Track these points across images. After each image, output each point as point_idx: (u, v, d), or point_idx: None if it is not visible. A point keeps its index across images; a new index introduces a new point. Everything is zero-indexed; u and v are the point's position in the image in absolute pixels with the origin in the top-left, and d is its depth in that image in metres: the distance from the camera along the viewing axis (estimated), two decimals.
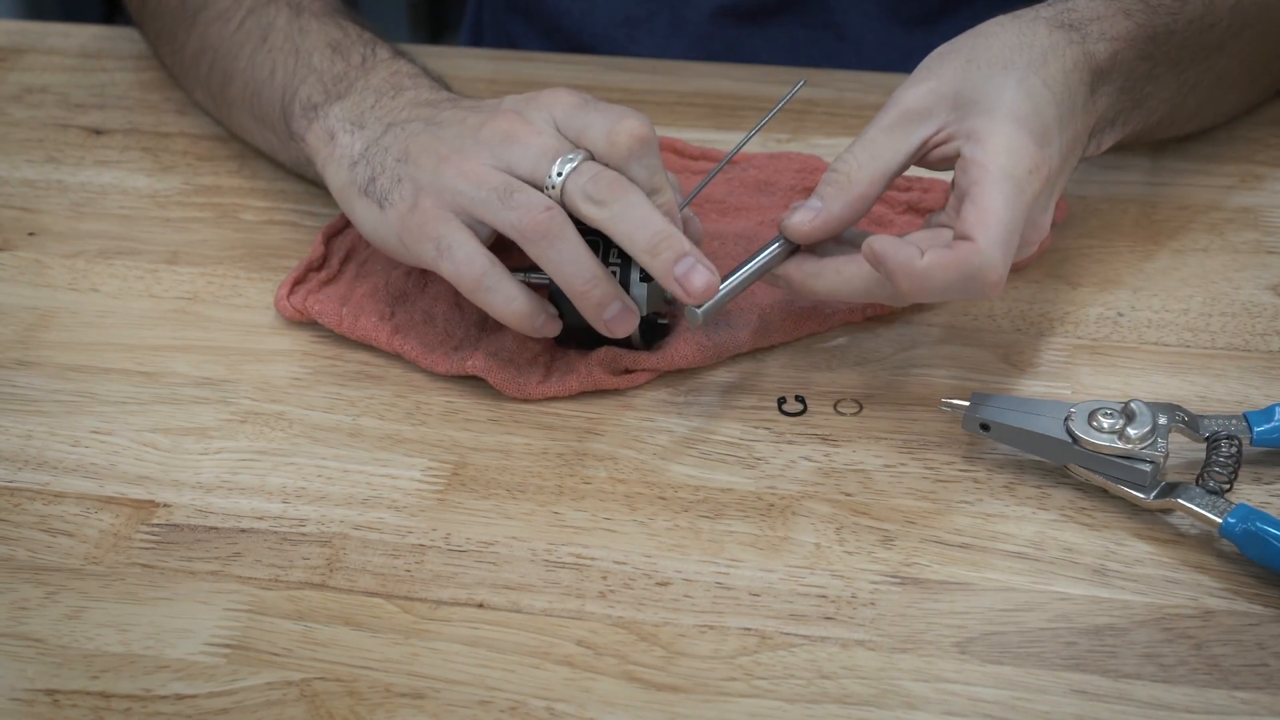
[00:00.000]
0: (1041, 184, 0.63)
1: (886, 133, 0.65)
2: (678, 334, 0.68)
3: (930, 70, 0.66)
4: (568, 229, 0.63)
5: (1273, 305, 0.72)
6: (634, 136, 0.64)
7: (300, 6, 0.80)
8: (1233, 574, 0.58)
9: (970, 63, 0.65)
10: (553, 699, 0.54)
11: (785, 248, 0.65)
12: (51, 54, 0.96)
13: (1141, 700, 0.54)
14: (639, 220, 0.63)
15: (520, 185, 0.64)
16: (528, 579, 0.59)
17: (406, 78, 0.74)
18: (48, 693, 0.55)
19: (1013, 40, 0.66)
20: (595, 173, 0.64)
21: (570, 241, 0.63)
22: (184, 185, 0.83)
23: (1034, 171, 0.62)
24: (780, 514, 0.61)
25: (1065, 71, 0.66)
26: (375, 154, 0.69)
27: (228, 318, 0.73)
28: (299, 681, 0.55)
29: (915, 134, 0.65)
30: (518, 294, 0.64)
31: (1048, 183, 0.64)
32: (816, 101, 0.88)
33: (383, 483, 0.63)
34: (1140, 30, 0.70)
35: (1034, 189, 0.63)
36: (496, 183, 0.64)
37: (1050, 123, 0.64)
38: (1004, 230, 0.61)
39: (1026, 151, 0.62)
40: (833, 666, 0.55)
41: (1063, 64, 0.66)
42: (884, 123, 0.65)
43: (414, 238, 0.66)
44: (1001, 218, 0.61)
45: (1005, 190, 0.61)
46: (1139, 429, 0.60)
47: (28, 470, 0.64)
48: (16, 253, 0.78)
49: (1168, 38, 0.71)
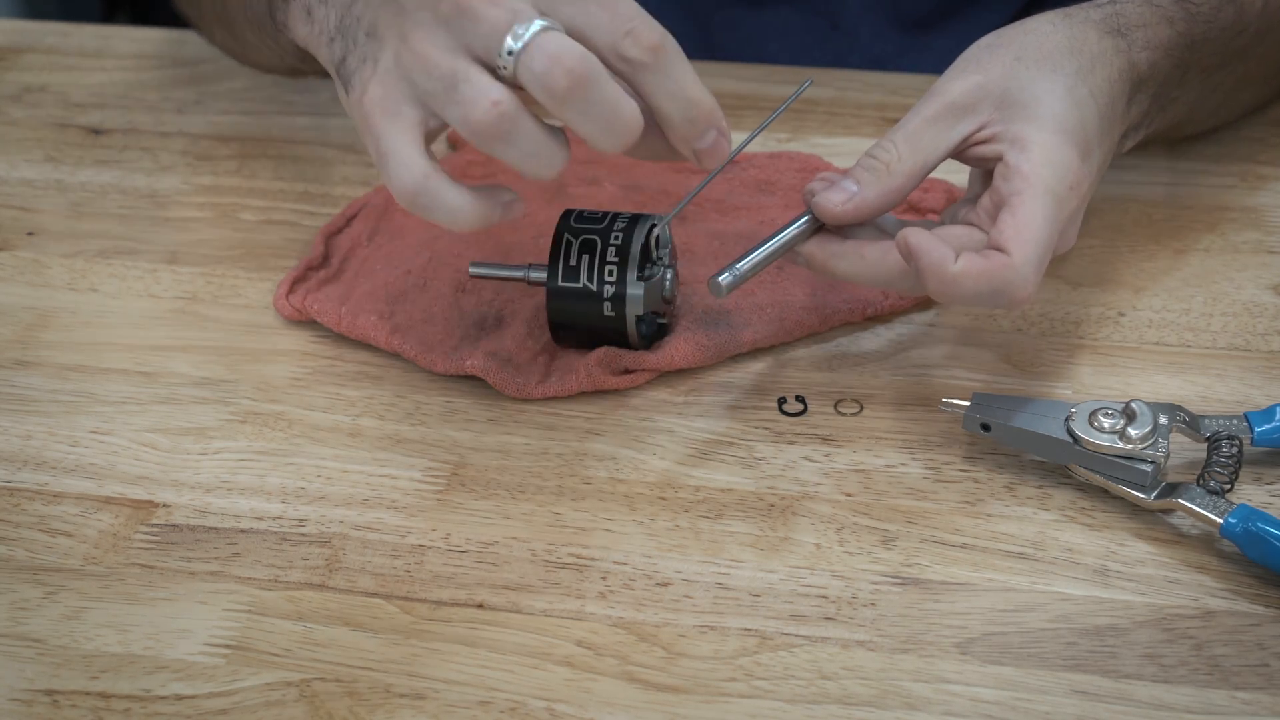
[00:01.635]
0: (1079, 201, 0.63)
1: (930, 124, 0.64)
2: (678, 333, 0.68)
3: (977, 63, 0.65)
4: (520, 122, 0.56)
5: (1274, 305, 0.72)
6: (650, 47, 0.57)
7: None
8: (1233, 574, 0.58)
9: (1019, 60, 0.64)
10: (553, 699, 0.54)
11: (810, 225, 0.64)
12: (51, 53, 0.96)
13: (1142, 701, 0.54)
14: (606, 124, 0.56)
15: (468, 74, 0.56)
16: (528, 579, 0.59)
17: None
18: (47, 693, 0.55)
19: (1064, 42, 0.64)
20: (551, 56, 0.54)
21: (525, 135, 0.56)
22: (183, 185, 0.83)
23: (1074, 187, 0.62)
24: (780, 514, 0.61)
25: (1110, 81, 0.65)
26: (348, 25, 0.61)
27: (227, 318, 0.73)
28: (299, 682, 0.55)
29: (958, 129, 0.64)
30: (461, 204, 0.58)
31: (1084, 199, 0.63)
32: (817, 101, 0.87)
33: (382, 483, 0.63)
34: (1179, 39, 0.69)
35: (1072, 205, 0.62)
36: (444, 70, 0.56)
37: (1093, 136, 0.64)
38: (1040, 247, 0.60)
39: (1070, 166, 0.62)
40: (833, 667, 0.55)
41: (1109, 73, 0.65)
42: (928, 113, 0.64)
43: (362, 131, 0.59)
44: (1039, 234, 0.60)
45: (1046, 206, 0.61)
46: (1140, 429, 0.60)
47: (27, 470, 0.64)
48: (15, 252, 0.78)
49: (1203, 44, 0.70)
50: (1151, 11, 0.68)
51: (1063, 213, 0.62)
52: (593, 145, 0.57)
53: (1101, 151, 0.65)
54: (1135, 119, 0.69)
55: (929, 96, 0.64)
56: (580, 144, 0.83)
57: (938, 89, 0.64)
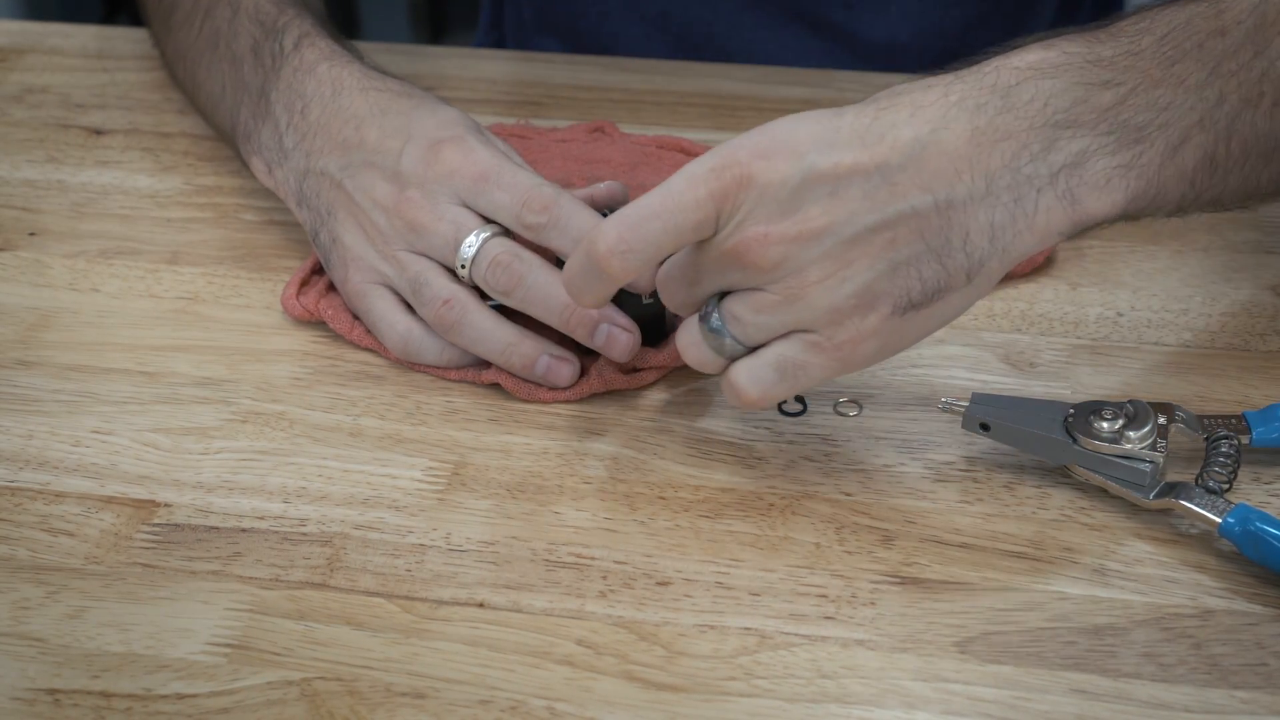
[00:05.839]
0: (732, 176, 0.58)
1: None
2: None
3: None
4: (469, 314, 0.66)
5: (1273, 305, 0.72)
6: (543, 209, 0.65)
7: (238, 2, 0.79)
8: (1232, 574, 0.58)
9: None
10: (553, 699, 0.54)
11: None
12: (52, 54, 0.96)
13: (1141, 700, 0.54)
14: (543, 303, 0.65)
15: (427, 278, 0.67)
16: (528, 579, 0.59)
17: (308, 75, 0.73)
18: (49, 692, 0.55)
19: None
20: (493, 258, 0.65)
21: (473, 324, 0.66)
22: (185, 185, 0.83)
23: (720, 168, 0.57)
24: (780, 514, 0.61)
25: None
26: (309, 197, 0.71)
27: (228, 318, 0.73)
28: (299, 681, 0.55)
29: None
30: (443, 350, 0.68)
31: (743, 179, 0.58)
32: (817, 102, 0.88)
33: (383, 482, 0.63)
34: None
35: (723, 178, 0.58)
36: (412, 274, 0.67)
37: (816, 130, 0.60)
38: (636, 208, 0.57)
39: (735, 144, 0.57)
40: (833, 666, 0.55)
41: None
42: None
43: (350, 305, 0.70)
44: (645, 197, 0.57)
45: (674, 178, 0.57)
46: (1139, 429, 0.60)
47: (29, 470, 0.64)
48: (17, 253, 0.78)
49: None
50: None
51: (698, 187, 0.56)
52: (544, 320, 0.66)
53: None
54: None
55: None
56: (585, 144, 0.84)
57: None
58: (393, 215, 0.68)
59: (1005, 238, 0.56)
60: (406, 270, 0.67)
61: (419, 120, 0.69)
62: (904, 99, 0.56)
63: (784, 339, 0.58)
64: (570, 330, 0.66)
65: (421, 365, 0.69)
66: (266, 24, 0.77)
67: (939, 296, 0.56)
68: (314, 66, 0.73)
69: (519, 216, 0.66)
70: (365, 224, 0.69)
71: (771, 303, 0.56)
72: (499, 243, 0.66)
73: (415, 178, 0.67)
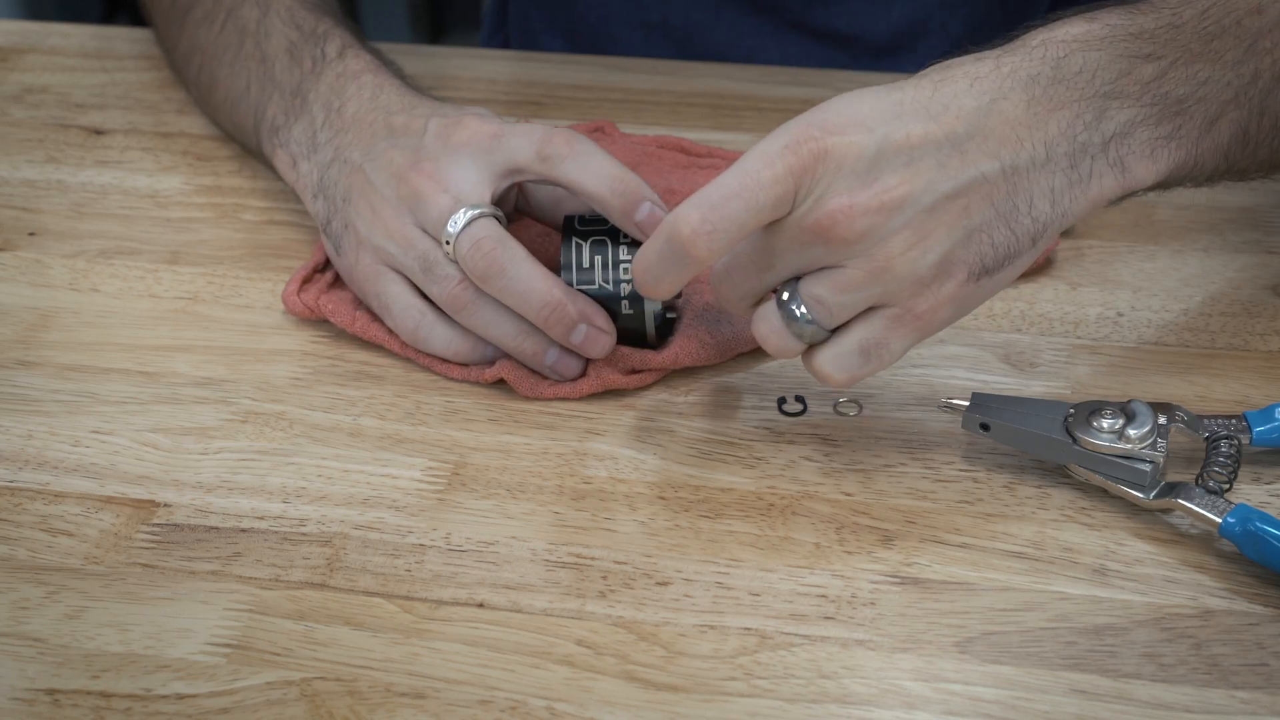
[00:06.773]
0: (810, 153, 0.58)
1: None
2: (682, 332, 0.69)
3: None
4: (477, 299, 0.66)
5: (1273, 305, 0.72)
6: (565, 143, 0.65)
7: (268, 3, 0.80)
8: (1232, 574, 0.58)
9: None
10: (553, 699, 0.54)
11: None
12: (52, 54, 0.96)
13: (1141, 700, 0.54)
14: (522, 296, 0.64)
15: (438, 256, 0.66)
16: (528, 579, 0.59)
17: (351, 80, 0.74)
18: (48, 692, 0.55)
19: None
20: (476, 240, 0.64)
21: (484, 306, 0.66)
22: (184, 185, 0.83)
23: (797, 145, 0.58)
24: (780, 514, 0.61)
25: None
26: (328, 186, 0.71)
27: (228, 318, 0.73)
28: (299, 681, 0.55)
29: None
30: (453, 338, 0.67)
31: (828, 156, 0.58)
32: (817, 102, 0.87)
33: (383, 482, 0.63)
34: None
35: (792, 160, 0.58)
36: (420, 251, 0.66)
37: (890, 110, 0.60)
38: (715, 188, 0.56)
39: (804, 121, 0.58)
40: (833, 666, 0.55)
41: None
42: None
43: (360, 289, 0.70)
44: (721, 179, 0.57)
45: (747, 159, 0.57)
46: (1139, 429, 0.60)
47: (28, 470, 0.64)
48: (17, 253, 0.78)
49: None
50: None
51: (778, 163, 0.56)
52: (521, 313, 0.65)
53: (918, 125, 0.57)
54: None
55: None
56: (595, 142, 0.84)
57: None
58: (401, 183, 0.67)
59: (1064, 203, 0.58)
60: (415, 247, 0.66)
61: (446, 107, 0.71)
62: (957, 71, 0.58)
63: (863, 319, 0.58)
64: (548, 327, 0.65)
65: (425, 358, 0.69)
66: (304, 28, 0.78)
67: (1009, 261, 0.58)
68: (359, 74, 0.74)
69: (539, 150, 0.65)
70: (376, 202, 0.68)
71: (856, 279, 0.57)
72: (486, 224, 0.65)
73: (433, 151, 0.67)
